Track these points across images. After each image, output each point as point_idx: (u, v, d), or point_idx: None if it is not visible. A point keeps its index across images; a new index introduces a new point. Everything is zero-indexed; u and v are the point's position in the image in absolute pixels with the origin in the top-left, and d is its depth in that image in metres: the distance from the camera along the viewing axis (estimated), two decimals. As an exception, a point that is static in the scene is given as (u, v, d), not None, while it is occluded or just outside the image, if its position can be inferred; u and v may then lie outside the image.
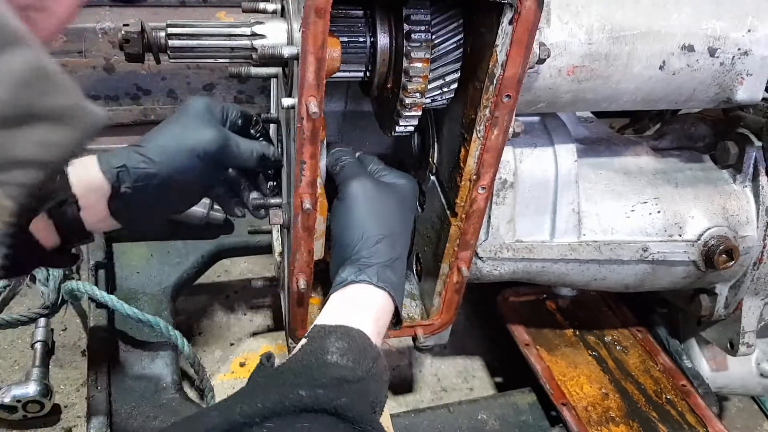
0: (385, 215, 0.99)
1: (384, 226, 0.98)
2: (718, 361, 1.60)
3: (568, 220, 1.26)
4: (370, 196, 1.00)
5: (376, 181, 1.03)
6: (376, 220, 0.98)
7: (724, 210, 1.31)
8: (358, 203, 0.99)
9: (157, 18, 1.82)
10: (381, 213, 0.99)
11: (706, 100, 1.20)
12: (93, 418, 1.31)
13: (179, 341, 1.51)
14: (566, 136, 1.26)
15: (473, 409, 1.48)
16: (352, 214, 0.98)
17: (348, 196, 0.99)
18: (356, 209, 0.98)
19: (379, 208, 0.99)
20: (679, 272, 1.34)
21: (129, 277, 1.68)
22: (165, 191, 0.97)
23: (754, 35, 1.14)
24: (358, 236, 0.96)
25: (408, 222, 1.04)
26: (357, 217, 0.98)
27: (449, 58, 0.97)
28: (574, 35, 1.07)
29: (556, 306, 1.74)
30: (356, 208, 0.98)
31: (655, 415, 1.45)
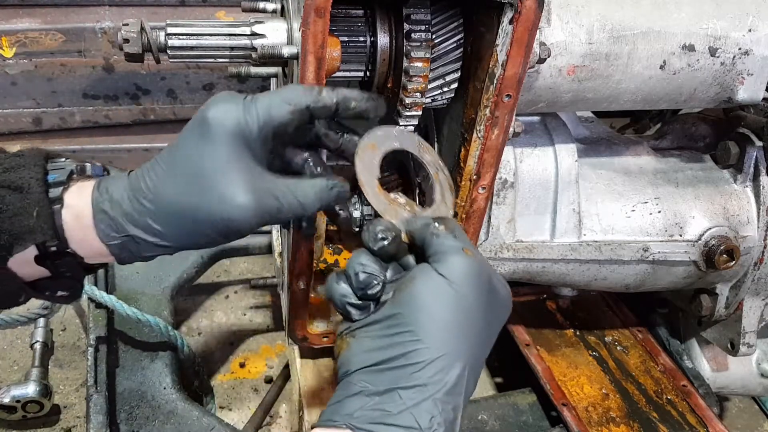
0: (477, 334, 0.71)
1: (469, 350, 0.70)
2: (718, 362, 1.60)
3: (568, 220, 1.26)
4: (479, 296, 0.70)
5: (490, 274, 0.73)
6: (465, 330, 0.69)
7: (724, 210, 1.31)
8: (459, 300, 0.68)
9: (157, 17, 1.81)
10: (475, 328, 0.70)
11: (707, 99, 1.20)
12: (92, 418, 1.30)
13: (179, 341, 1.51)
14: (567, 136, 1.26)
15: (473, 410, 1.48)
16: (440, 311, 0.68)
17: (450, 275, 0.69)
18: (451, 306, 0.68)
19: (477, 320, 0.70)
20: (680, 272, 1.34)
21: (128, 277, 1.67)
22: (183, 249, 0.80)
23: (754, 35, 1.14)
24: (433, 350, 0.67)
25: (488, 349, 0.75)
26: (446, 319, 0.68)
27: (449, 57, 0.97)
28: (575, 35, 1.07)
29: (556, 306, 1.73)
30: (452, 304, 0.68)
31: (656, 415, 1.44)
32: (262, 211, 0.72)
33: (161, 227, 0.72)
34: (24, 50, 1.80)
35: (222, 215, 0.71)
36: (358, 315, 0.74)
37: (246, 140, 0.72)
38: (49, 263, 0.75)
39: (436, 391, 0.66)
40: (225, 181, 0.71)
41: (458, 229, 0.75)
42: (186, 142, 0.73)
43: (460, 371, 0.68)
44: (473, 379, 0.71)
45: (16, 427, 1.51)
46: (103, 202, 0.73)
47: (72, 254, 0.74)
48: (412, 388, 0.66)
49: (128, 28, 0.87)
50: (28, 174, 0.73)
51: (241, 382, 1.73)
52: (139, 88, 1.90)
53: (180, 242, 0.74)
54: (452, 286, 0.69)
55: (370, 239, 0.74)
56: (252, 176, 0.73)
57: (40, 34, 1.79)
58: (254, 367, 1.77)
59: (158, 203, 0.72)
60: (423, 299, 0.69)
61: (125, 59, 0.90)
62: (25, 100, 1.87)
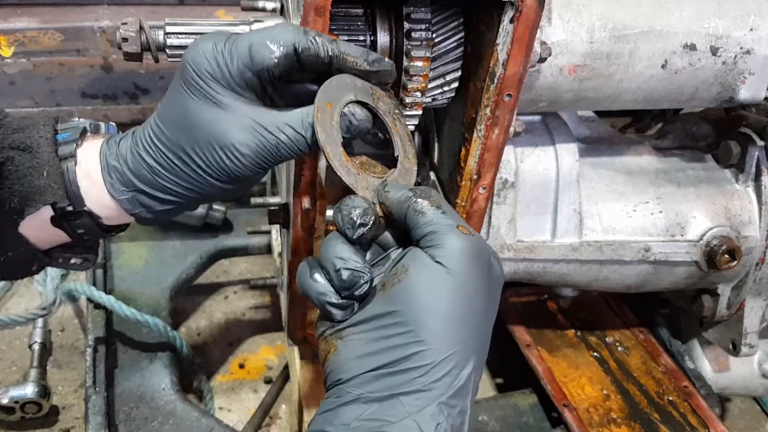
0: (481, 322, 0.65)
1: (476, 343, 0.64)
2: (720, 362, 1.59)
3: (569, 220, 1.25)
4: (480, 281, 0.64)
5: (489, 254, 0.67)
6: (471, 323, 0.63)
7: (726, 210, 1.31)
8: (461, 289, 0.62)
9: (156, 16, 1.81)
10: (479, 317, 0.64)
11: (708, 99, 1.20)
12: (91, 419, 1.30)
13: (178, 342, 1.51)
14: (567, 136, 1.26)
15: (474, 411, 1.47)
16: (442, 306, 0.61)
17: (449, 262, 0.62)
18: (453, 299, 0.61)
19: (479, 308, 0.64)
20: (681, 272, 1.33)
21: (127, 277, 1.67)
22: (199, 203, 0.78)
23: (756, 34, 1.13)
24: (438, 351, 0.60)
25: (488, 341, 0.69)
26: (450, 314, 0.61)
27: (450, 56, 0.96)
28: (576, 34, 1.06)
29: (557, 306, 1.73)
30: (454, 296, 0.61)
31: (657, 416, 1.44)
32: (259, 148, 0.69)
33: (163, 181, 0.71)
34: (22, 49, 1.79)
35: (216, 159, 0.69)
36: (342, 315, 0.66)
37: (227, 83, 0.69)
38: (66, 224, 0.73)
39: (442, 394, 0.60)
40: (212, 124, 0.69)
41: (443, 202, 0.67)
42: (172, 89, 0.72)
43: (469, 371, 0.62)
44: (479, 374, 0.66)
45: (14, 427, 1.51)
46: (111, 155, 0.72)
47: (89, 213, 0.73)
48: (415, 393, 0.59)
49: (127, 27, 0.87)
50: (37, 134, 0.71)
51: (241, 382, 1.72)
52: (138, 88, 1.89)
53: (187, 195, 0.72)
54: (452, 275, 0.61)
55: (347, 226, 0.65)
56: (239, 116, 0.69)
57: (39, 34, 1.78)
58: (254, 368, 1.76)
59: (156, 156, 0.71)
60: (421, 294, 0.61)
61: (124, 58, 0.89)
62: (24, 100, 1.86)
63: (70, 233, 0.74)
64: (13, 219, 0.69)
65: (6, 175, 0.68)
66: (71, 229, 0.73)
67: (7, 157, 0.69)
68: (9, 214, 0.69)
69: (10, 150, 0.69)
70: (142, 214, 0.74)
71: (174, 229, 1.81)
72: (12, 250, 0.71)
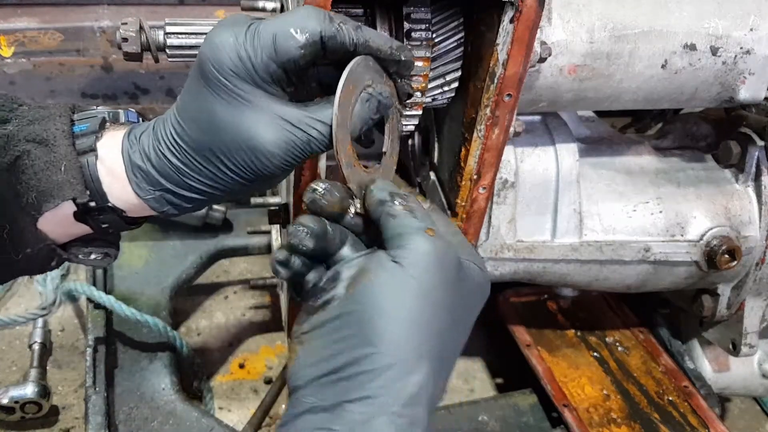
0: (445, 330, 0.60)
1: (434, 350, 0.59)
2: (720, 362, 1.59)
3: (569, 220, 1.25)
4: (445, 286, 0.60)
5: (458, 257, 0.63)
6: (428, 328, 0.59)
7: (726, 210, 1.31)
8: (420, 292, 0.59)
9: (156, 16, 1.81)
10: (441, 324, 0.60)
11: (708, 99, 1.20)
12: (91, 419, 1.30)
13: (178, 342, 1.50)
14: (567, 136, 1.26)
15: (474, 411, 1.47)
16: (396, 308, 0.58)
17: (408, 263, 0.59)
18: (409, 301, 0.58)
19: (443, 315, 0.60)
20: (681, 272, 1.33)
21: (127, 277, 1.67)
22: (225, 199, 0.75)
23: (756, 34, 1.13)
24: (386, 355, 0.57)
25: (460, 345, 0.65)
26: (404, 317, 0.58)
27: (450, 56, 0.96)
28: (576, 34, 1.06)
29: (557, 306, 1.73)
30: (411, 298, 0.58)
31: (657, 416, 1.44)
32: (289, 147, 0.66)
33: (190, 180, 0.68)
34: (22, 49, 1.79)
35: (245, 160, 0.66)
36: (285, 273, 0.65)
37: (251, 78, 0.64)
38: (90, 219, 0.70)
39: (391, 403, 0.55)
40: (239, 125, 0.65)
41: (418, 207, 0.65)
42: (190, 86, 0.68)
43: (422, 378, 0.57)
44: (442, 382, 0.61)
45: (14, 427, 1.50)
46: (134, 153, 0.69)
47: (113, 208, 0.70)
48: (362, 400, 0.55)
49: (127, 27, 0.87)
50: (54, 126, 0.67)
51: (241, 382, 1.72)
52: (138, 88, 1.89)
53: (215, 194, 0.69)
54: (410, 276, 0.58)
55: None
56: (267, 113, 0.65)
57: (39, 34, 1.78)
58: (254, 368, 1.76)
59: (181, 157, 0.67)
60: (375, 294, 0.58)
61: (124, 58, 0.89)
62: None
63: (94, 227, 0.71)
64: (31, 215, 0.66)
65: (23, 170, 0.66)
66: (95, 224, 0.71)
67: (23, 151, 0.66)
68: (27, 209, 0.66)
69: (26, 143, 0.66)
70: (169, 211, 0.71)
71: (174, 229, 1.81)
72: (31, 246, 0.68)
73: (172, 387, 1.42)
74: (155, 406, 1.38)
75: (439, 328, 0.59)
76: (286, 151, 0.66)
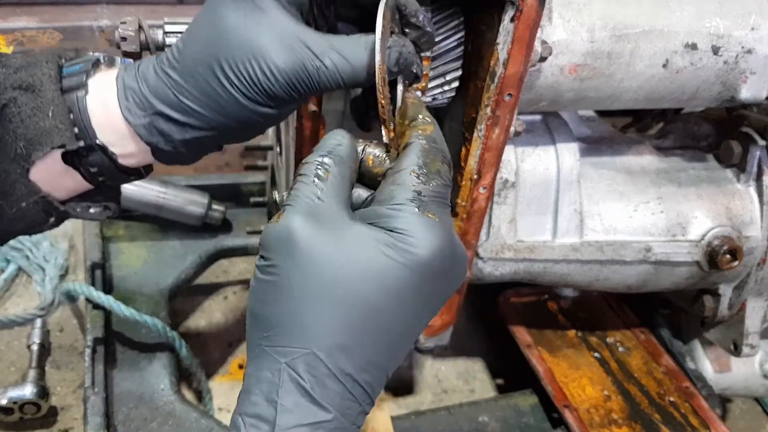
0: (359, 301, 0.53)
1: (348, 324, 0.53)
2: (721, 363, 1.59)
3: (570, 220, 1.25)
4: (323, 255, 0.54)
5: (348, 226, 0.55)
6: (332, 305, 0.53)
7: (727, 210, 1.30)
8: (295, 265, 0.54)
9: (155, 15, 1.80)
10: (349, 297, 0.53)
11: (710, 98, 1.19)
12: (90, 419, 1.29)
13: (177, 342, 1.50)
14: (568, 135, 1.25)
15: (474, 411, 1.47)
16: (282, 282, 0.54)
17: (280, 242, 0.55)
18: (290, 275, 0.54)
19: (344, 288, 0.53)
20: (683, 273, 1.33)
21: (126, 277, 1.66)
22: (222, 137, 0.69)
23: (757, 33, 1.13)
24: (284, 322, 0.54)
25: (401, 325, 0.56)
26: (287, 291, 0.54)
27: (450, 56, 0.96)
28: (576, 33, 1.06)
29: (557, 307, 1.72)
30: (290, 273, 0.54)
31: (658, 416, 1.43)
32: (297, 67, 0.61)
33: (186, 98, 0.64)
34: (21, 49, 1.79)
35: (248, 69, 0.61)
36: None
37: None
38: (79, 164, 0.67)
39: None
40: (249, 30, 0.61)
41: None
42: (203, 8, 0.65)
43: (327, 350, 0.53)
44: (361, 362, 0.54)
45: (13, 428, 1.50)
46: (129, 76, 0.66)
47: (102, 148, 0.66)
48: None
49: (126, 26, 0.86)
50: (40, 71, 0.65)
51: (240, 383, 1.71)
52: (137, 88, 1.89)
53: (210, 118, 0.65)
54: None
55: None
56: (281, 27, 0.61)
57: (38, 33, 1.78)
58: (253, 368, 1.76)
59: (181, 71, 0.63)
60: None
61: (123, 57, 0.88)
62: (23, 100, 1.86)
63: (85, 175, 0.68)
64: (22, 165, 0.64)
65: (10, 119, 0.64)
66: (85, 170, 0.68)
67: (9, 99, 0.64)
68: (17, 160, 0.64)
69: (13, 90, 0.64)
70: (159, 144, 0.66)
71: (173, 230, 1.81)
72: (25, 200, 0.65)
73: (171, 387, 1.42)
74: (154, 406, 1.37)
75: (347, 305, 0.54)
76: (293, 70, 0.61)
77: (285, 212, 0.55)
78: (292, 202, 0.56)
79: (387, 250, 0.53)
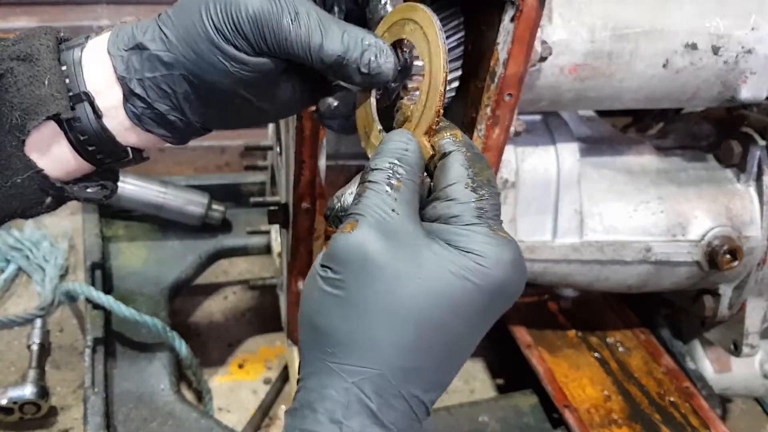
0: (419, 325, 0.52)
1: (410, 350, 0.52)
2: (721, 363, 1.59)
3: (570, 220, 1.25)
4: (389, 277, 0.51)
5: (422, 243, 0.53)
6: (390, 329, 0.51)
7: (727, 210, 1.30)
8: (363, 287, 0.52)
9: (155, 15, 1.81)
10: (410, 318, 0.51)
11: (710, 98, 1.19)
12: (90, 419, 1.29)
13: (177, 342, 1.50)
14: (568, 135, 1.25)
15: (474, 411, 1.47)
16: (351, 300, 0.52)
17: (348, 265, 0.52)
18: (357, 295, 0.52)
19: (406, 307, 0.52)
20: (683, 273, 1.33)
21: (126, 277, 1.66)
22: (193, 87, 0.64)
23: (757, 33, 1.13)
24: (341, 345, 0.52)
25: (467, 345, 0.56)
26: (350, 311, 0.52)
27: (450, 56, 0.96)
28: (577, 33, 1.06)
29: (558, 307, 1.72)
30: (358, 293, 0.52)
31: (658, 417, 1.43)
32: (271, 11, 0.59)
33: (165, 27, 0.62)
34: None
35: (226, 3, 0.60)
36: None
37: None
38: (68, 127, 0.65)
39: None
40: None
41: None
42: None
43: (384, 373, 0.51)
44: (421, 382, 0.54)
45: (13, 428, 1.50)
46: (122, 27, 0.64)
47: (88, 97, 0.64)
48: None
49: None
50: (38, 42, 0.65)
51: (240, 383, 1.72)
52: (137, 88, 1.89)
53: (178, 49, 0.62)
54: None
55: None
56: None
57: (38, 33, 1.78)
58: (253, 369, 1.76)
59: (175, 7, 0.62)
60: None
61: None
62: (23, 100, 1.86)
63: (77, 147, 0.66)
64: (17, 137, 0.63)
65: (6, 88, 0.63)
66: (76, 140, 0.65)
67: (6, 69, 0.63)
68: (12, 132, 0.63)
69: (10, 61, 0.63)
70: (132, 83, 0.64)
71: (173, 230, 1.81)
72: (19, 174, 0.64)
73: (171, 387, 1.42)
74: (154, 406, 1.37)
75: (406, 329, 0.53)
76: (266, 14, 0.59)
77: (358, 224, 0.53)
78: (362, 212, 0.53)
79: (464, 273, 0.52)
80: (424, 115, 0.60)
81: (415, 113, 0.60)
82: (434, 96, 0.58)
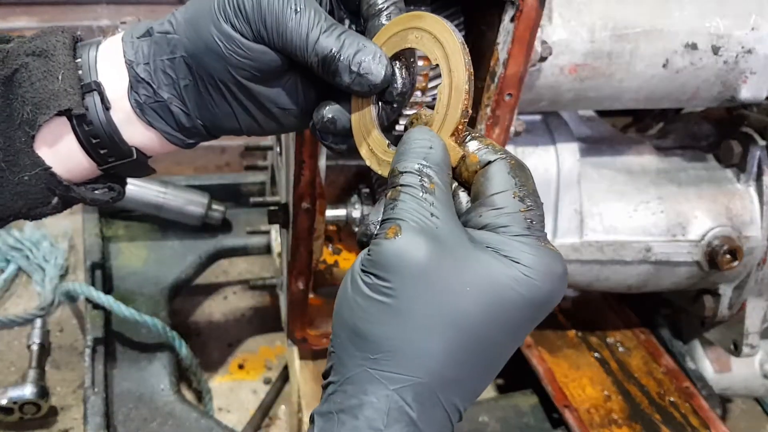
0: (475, 339, 0.51)
1: (461, 360, 0.51)
2: (721, 363, 1.59)
3: (570, 220, 1.25)
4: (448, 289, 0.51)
5: (472, 251, 0.52)
6: (445, 340, 0.51)
7: (727, 210, 1.30)
8: (418, 295, 0.50)
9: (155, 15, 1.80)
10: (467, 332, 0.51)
11: (710, 98, 1.19)
12: (90, 419, 1.29)
13: (177, 342, 1.50)
14: (568, 135, 1.25)
15: (474, 411, 1.47)
16: (398, 310, 0.51)
17: (397, 267, 0.51)
18: (408, 302, 0.51)
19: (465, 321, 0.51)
20: (683, 273, 1.33)
21: (126, 277, 1.66)
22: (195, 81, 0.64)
23: (757, 33, 1.13)
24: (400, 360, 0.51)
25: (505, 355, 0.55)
26: (401, 321, 0.51)
27: (450, 56, 0.96)
28: (577, 33, 1.06)
29: (558, 307, 1.72)
30: (410, 300, 0.51)
31: (658, 417, 1.43)
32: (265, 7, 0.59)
33: (178, 12, 0.63)
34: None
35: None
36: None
37: None
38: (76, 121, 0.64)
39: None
40: None
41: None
42: None
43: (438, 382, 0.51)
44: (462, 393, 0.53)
45: (13, 428, 1.50)
46: (142, 22, 0.66)
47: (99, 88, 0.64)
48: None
49: (126, 26, 0.86)
50: (55, 38, 0.65)
51: (240, 383, 1.72)
52: (137, 88, 1.89)
53: (183, 28, 0.62)
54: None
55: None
56: None
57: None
58: (253, 369, 1.76)
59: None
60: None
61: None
62: (23, 100, 1.86)
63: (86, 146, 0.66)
64: (27, 132, 0.63)
65: (20, 83, 0.63)
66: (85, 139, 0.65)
67: (21, 64, 0.64)
68: (22, 127, 0.64)
69: (26, 57, 0.64)
70: (138, 66, 0.64)
71: (173, 230, 1.81)
72: (28, 171, 0.64)
73: (171, 387, 1.42)
74: (154, 406, 1.37)
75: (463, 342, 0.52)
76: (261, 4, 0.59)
77: (401, 229, 0.52)
78: (402, 216, 0.52)
79: (514, 285, 0.51)
80: (449, 116, 0.58)
81: (436, 117, 0.59)
82: (458, 95, 0.57)
